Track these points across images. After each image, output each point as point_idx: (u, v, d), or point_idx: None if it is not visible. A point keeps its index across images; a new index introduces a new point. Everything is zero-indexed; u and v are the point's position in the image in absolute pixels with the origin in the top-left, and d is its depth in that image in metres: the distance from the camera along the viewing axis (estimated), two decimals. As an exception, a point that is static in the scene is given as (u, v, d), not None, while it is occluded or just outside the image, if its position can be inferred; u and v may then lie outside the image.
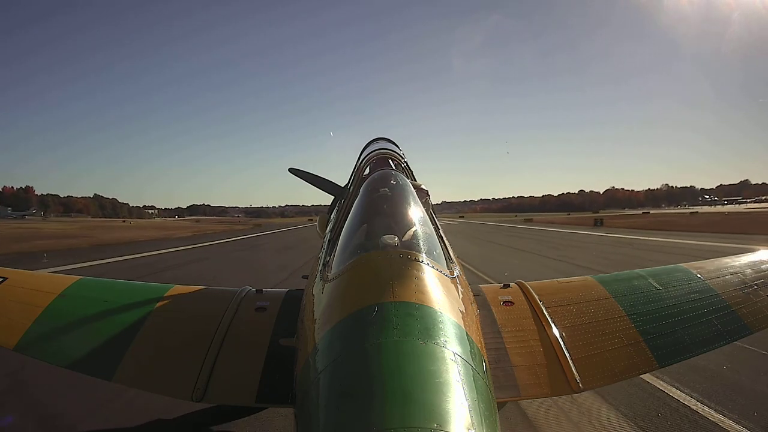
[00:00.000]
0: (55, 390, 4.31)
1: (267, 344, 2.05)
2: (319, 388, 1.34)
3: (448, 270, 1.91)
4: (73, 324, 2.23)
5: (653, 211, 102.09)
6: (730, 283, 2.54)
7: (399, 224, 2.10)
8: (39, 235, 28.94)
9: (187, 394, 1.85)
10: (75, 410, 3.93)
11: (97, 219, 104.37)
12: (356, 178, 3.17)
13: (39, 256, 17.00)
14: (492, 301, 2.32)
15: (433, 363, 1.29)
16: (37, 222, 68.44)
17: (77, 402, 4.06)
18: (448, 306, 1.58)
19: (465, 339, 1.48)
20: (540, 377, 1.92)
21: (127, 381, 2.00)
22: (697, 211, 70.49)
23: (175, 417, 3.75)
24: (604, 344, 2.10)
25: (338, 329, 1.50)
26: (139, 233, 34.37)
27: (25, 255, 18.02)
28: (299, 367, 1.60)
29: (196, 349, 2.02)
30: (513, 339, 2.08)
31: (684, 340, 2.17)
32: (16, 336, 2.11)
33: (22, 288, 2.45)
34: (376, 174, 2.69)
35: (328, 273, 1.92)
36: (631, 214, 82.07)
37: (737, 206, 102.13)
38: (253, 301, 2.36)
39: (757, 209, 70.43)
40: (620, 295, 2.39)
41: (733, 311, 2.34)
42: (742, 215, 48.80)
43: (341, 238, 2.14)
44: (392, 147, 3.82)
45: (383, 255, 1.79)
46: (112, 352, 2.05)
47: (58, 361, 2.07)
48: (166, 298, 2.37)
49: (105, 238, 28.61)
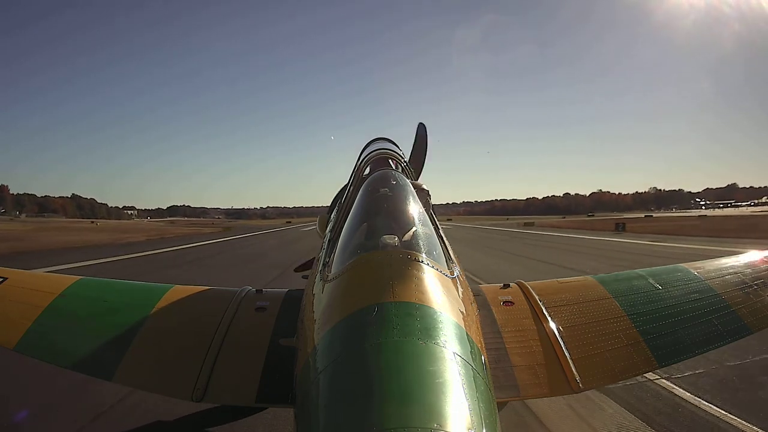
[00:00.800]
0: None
1: (267, 344, 2.05)
2: (319, 388, 1.33)
3: (448, 270, 1.91)
4: (73, 324, 2.23)
5: (655, 214, 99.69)
6: (730, 283, 2.54)
7: (399, 224, 2.10)
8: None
9: (187, 394, 1.85)
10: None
11: (66, 220, 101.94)
12: (356, 178, 3.18)
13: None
14: (492, 301, 2.32)
15: (433, 363, 1.29)
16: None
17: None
18: (448, 306, 1.57)
19: (465, 339, 1.48)
20: (540, 377, 1.92)
21: (127, 381, 2.00)
22: (706, 214, 66.43)
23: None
24: (604, 344, 2.10)
25: (338, 329, 1.50)
26: (92, 237, 32.14)
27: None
28: (299, 367, 1.60)
29: (196, 349, 2.02)
30: (513, 339, 2.08)
31: (684, 340, 2.17)
32: (16, 336, 2.11)
33: (22, 288, 2.44)
34: (376, 174, 2.69)
35: (328, 273, 1.92)
36: (633, 217, 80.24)
37: (735, 209, 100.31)
38: (253, 301, 2.36)
39: (761, 212, 68.22)
40: (620, 295, 2.39)
41: (733, 311, 2.34)
42: (756, 219, 45.28)
43: (341, 238, 2.14)
44: (392, 147, 3.82)
45: (383, 255, 1.79)
46: (112, 352, 2.04)
47: (58, 361, 2.06)
48: (166, 298, 2.37)
49: (43, 242, 25.14)
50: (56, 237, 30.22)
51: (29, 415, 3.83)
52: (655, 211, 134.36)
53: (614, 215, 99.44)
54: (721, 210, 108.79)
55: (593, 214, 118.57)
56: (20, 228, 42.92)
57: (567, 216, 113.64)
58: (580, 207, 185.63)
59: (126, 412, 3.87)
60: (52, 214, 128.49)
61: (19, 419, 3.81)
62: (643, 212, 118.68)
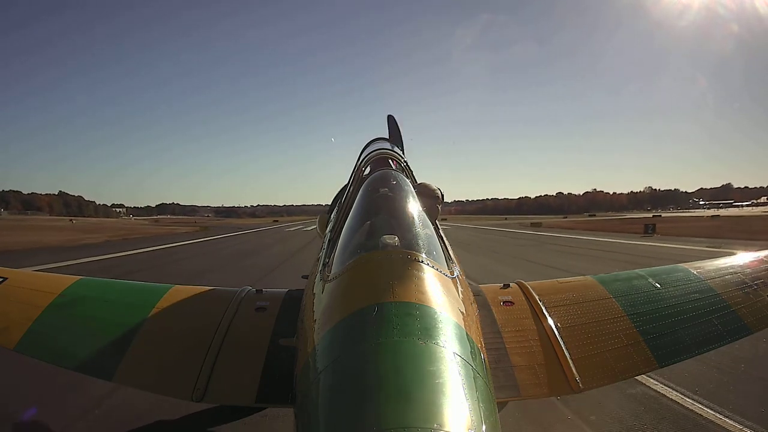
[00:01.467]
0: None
1: (267, 344, 2.05)
2: (319, 388, 1.34)
3: (448, 270, 1.91)
4: (73, 324, 2.23)
5: (664, 214, 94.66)
6: (730, 283, 2.54)
7: (399, 224, 2.10)
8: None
9: (187, 394, 1.85)
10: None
11: (46, 218, 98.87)
12: (356, 178, 3.18)
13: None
14: (492, 301, 2.32)
15: (433, 363, 1.29)
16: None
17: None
18: (448, 306, 1.58)
19: (465, 339, 1.48)
20: (540, 377, 1.92)
21: (127, 381, 2.00)
22: (718, 214, 61.60)
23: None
24: (604, 344, 2.10)
25: (338, 329, 1.50)
26: (50, 237, 28.10)
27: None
28: (299, 367, 1.60)
29: (196, 349, 2.02)
30: (513, 339, 2.08)
31: (684, 340, 2.17)
32: (16, 336, 2.11)
33: (22, 288, 2.45)
34: (376, 174, 2.69)
35: (328, 273, 1.92)
36: (639, 217, 75.92)
37: (739, 210, 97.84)
38: (253, 301, 2.36)
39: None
40: (620, 295, 2.39)
41: (733, 311, 2.34)
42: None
43: (341, 238, 2.14)
44: (392, 147, 3.82)
45: (383, 255, 1.79)
46: (112, 352, 2.04)
47: (58, 361, 2.07)
48: (166, 298, 2.37)
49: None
50: (17, 238, 26.91)
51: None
52: (655, 211, 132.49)
53: (615, 215, 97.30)
54: (725, 210, 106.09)
55: (594, 214, 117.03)
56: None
57: (565, 216, 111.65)
58: (573, 206, 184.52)
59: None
60: (36, 212, 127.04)
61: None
62: (642, 212, 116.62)
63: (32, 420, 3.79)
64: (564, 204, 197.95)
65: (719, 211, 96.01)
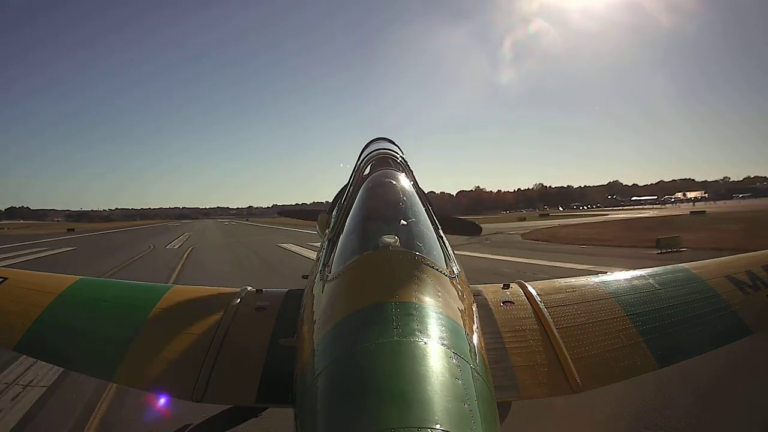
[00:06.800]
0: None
1: (267, 344, 2.04)
2: (319, 388, 1.33)
3: (447, 270, 1.91)
4: (73, 324, 2.23)
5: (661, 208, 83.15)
6: (730, 284, 2.53)
7: (399, 224, 2.10)
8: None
9: (187, 394, 1.84)
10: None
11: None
12: (356, 178, 3.17)
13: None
14: (492, 301, 2.32)
15: (432, 363, 1.29)
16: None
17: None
18: (447, 306, 1.58)
19: (464, 339, 1.48)
20: (540, 377, 1.92)
21: (127, 381, 2.00)
22: (704, 210, 52.48)
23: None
24: (604, 344, 2.10)
25: (338, 329, 1.50)
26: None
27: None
28: (299, 367, 1.60)
29: (196, 349, 2.02)
30: (513, 339, 2.08)
31: (684, 340, 2.17)
32: (16, 336, 2.11)
33: (22, 288, 2.44)
34: (376, 174, 2.69)
35: (328, 273, 1.92)
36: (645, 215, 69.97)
37: (726, 203, 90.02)
38: (253, 301, 2.36)
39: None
40: (620, 295, 2.39)
41: (733, 311, 2.33)
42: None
43: (341, 238, 2.15)
44: (392, 147, 3.82)
45: (383, 255, 1.79)
46: (112, 352, 2.04)
47: (58, 361, 2.07)
48: (166, 298, 2.37)
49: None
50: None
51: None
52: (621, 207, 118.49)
53: (616, 209, 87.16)
54: (705, 204, 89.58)
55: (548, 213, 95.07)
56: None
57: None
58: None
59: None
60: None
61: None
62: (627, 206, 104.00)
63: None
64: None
65: (697, 204, 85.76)
